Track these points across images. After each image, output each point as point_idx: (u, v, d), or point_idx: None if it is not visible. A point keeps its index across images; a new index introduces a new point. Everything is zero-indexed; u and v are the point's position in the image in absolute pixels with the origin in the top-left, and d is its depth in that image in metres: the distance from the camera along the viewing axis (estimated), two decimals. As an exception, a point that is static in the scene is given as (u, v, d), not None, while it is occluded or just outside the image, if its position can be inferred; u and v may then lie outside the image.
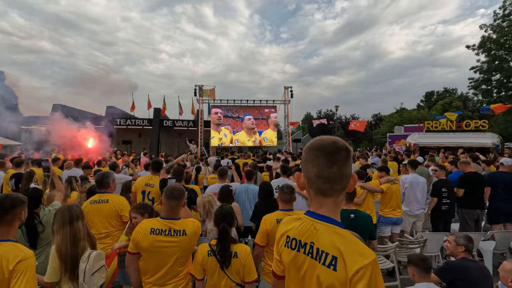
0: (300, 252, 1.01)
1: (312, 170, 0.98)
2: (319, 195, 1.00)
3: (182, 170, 4.33)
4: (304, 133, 33.50)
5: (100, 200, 3.03)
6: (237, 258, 2.03)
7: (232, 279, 2.03)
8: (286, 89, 18.84)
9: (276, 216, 2.56)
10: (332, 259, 0.91)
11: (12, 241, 1.69)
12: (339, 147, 0.97)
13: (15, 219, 1.75)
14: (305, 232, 1.01)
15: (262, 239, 2.52)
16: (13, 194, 1.82)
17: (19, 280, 1.53)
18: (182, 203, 2.20)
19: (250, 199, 4.30)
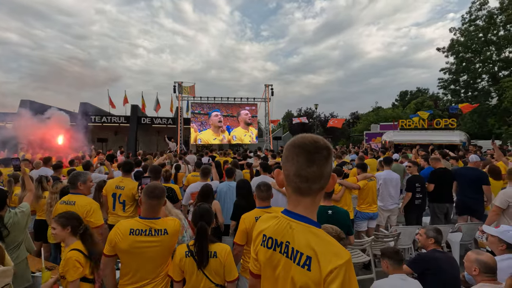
0: (276, 251, 1.01)
1: (291, 168, 0.97)
2: (296, 193, 0.99)
3: (159, 168, 4.23)
4: (284, 130, 33.87)
5: (68, 202, 2.90)
6: (217, 258, 2.00)
7: (211, 279, 2.00)
8: (266, 87, 18.90)
9: (255, 214, 2.57)
10: (306, 259, 0.90)
11: None
12: (320, 146, 0.96)
13: None
14: (281, 231, 1.01)
15: (241, 238, 2.52)
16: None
17: None
18: (163, 202, 2.16)
19: (231, 197, 4.29)
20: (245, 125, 18.58)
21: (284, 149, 1.04)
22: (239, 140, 18.56)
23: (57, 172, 5.43)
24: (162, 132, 20.27)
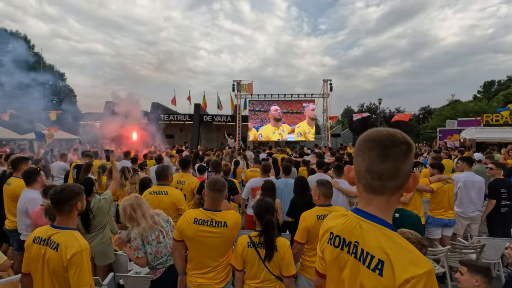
0: (344, 251, 0.95)
1: (362, 163, 0.91)
2: (368, 191, 0.92)
3: (220, 162, 4.46)
4: (343, 127, 32.31)
5: (159, 192, 3.18)
6: (277, 251, 2.03)
7: (271, 271, 2.04)
8: (325, 82, 18.26)
9: (316, 212, 2.51)
10: (378, 262, 0.83)
11: (71, 229, 1.82)
12: (398, 139, 0.87)
13: (72, 209, 1.84)
14: (350, 230, 0.95)
15: (302, 236, 2.48)
16: (69, 185, 1.92)
17: (76, 272, 1.67)
18: (224, 195, 2.25)
19: (289, 194, 4.28)
20: (310, 121, 18.32)
21: (356, 143, 0.98)
22: (303, 136, 18.43)
23: (134, 164, 6.15)
24: (222, 129, 21.27)
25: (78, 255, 1.69)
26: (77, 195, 1.86)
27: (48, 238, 1.76)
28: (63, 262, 1.67)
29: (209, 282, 2.18)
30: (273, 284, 2.08)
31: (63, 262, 1.67)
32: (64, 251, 1.68)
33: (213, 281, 2.19)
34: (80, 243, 1.74)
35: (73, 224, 1.87)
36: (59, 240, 1.73)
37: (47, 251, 1.73)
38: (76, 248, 1.70)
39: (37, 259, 1.76)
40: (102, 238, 3.14)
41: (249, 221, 4.25)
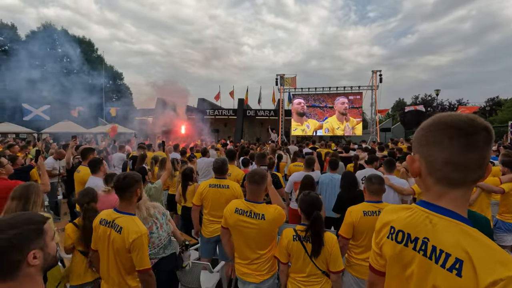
0: (409, 247, 0.87)
1: (439, 154, 0.81)
2: (442, 184, 0.83)
3: (264, 155, 4.48)
4: (394, 122, 30.16)
5: (220, 185, 3.21)
6: (324, 246, 1.98)
7: (318, 266, 2.00)
8: (374, 73, 17.19)
9: (363, 208, 2.38)
10: (456, 261, 0.74)
11: (132, 215, 1.98)
12: (478, 125, 0.77)
13: (132, 195, 1.99)
14: (417, 225, 0.86)
15: (347, 231, 2.39)
16: (130, 173, 2.06)
17: (138, 255, 1.85)
18: (263, 188, 2.23)
19: (333, 189, 4.15)
20: (341, 116, 17.49)
21: (422, 131, 0.87)
22: (331, 132, 17.79)
23: (183, 156, 6.50)
24: (265, 123, 21.40)
25: (139, 239, 1.84)
26: (136, 183, 2.01)
27: (112, 221, 1.94)
28: (126, 244, 1.84)
29: (253, 273, 2.22)
30: (320, 279, 2.03)
31: (125, 244, 1.85)
32: (126, 235, 1.85)
33: (256, 272, 2.21)
34: (140, 228, 1.90)
35: (133, 210, 2.05)
36: (122, 224, 1.90)
37: (112, 233, 1.92)
38: (137, 233, 1.85)
39: (104, 239, 1.96)
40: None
41: (293, 215, 4.22)
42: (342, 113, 17.60)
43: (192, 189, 4.05)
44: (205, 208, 3.26)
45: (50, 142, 12.86)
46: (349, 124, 17.51)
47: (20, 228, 0.94)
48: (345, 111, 17.52)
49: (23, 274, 0.93)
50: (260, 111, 21.13)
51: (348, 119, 17.54)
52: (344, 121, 17.59)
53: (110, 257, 1.94)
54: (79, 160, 4.60)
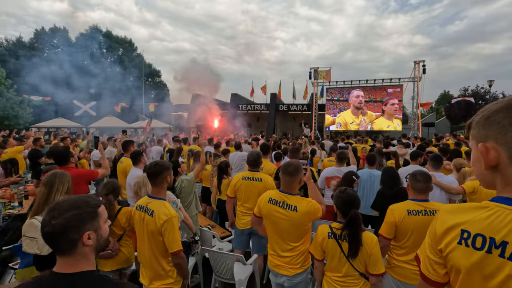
0: (494, 254, 0.74)
1: None
2: None
3: (298, 149, 4.40)
4: (438, 116, 27.99)
5: (254, 178, 3.24)
6: (363, 246, 1.86)
7: (355, 267, 1.89)
8: (416, 64, 16.01)
9: (407, 206, 2.21)
10: None
11: (162, 199, 2.12)
12: None
13: (163, 181, 2.14)
14: (502, 226, 0.73)
15: (388, 231, 2.23)
16: (160, 161, 2.21)
17: (169, 236, 1.96)
18: (297, 180, 2.18)
19: (372, 186, 3.95)
20: (389, 116, 16.59)
21: (501, 112, 0.75)
22: (343, 127, 17.10)
23: (217, 150, 6.62)
24: (297, 118, 21.09)
25: (168, 222, 1.96)
26: (166, 170, 2.15)
27: (145, 206, 2.08)
28: (157, 226, 1.96)
29: (285, 266, 2.18)
30: (357, 281, 1.92)
31: (157, 226, 1.97)
32: (157, 218, 1.97)
33: (289, 265, 2.18)
34: (170, 211, 2.01)
35: (164, 195, 2.17)
36: (153, 208, 2.03)
37: (145, 217, 2.06)
38: (166, 215, 1.97)
39: (140, 223, 2.12)
40: (188, 213, 3.46)
41: (326, 211, 4.10)
42: (357, 107, 16.83)
43: (227, 182, 4.10)
44: (238, 200, 3.30)
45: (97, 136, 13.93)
46: (366, 118, 16.71)
47: (79, 210, 1.02)
48: (360, 105, 16.78)
49: (78, 252, 1.01)
50: (292, 106, 20.83)
51: (365, 113, 16.79)
52: (360, 115, 16.89)
53: (146, 241, 2.07)
54: (121, 152, 4.90)
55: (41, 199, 2.38)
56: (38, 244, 2.25)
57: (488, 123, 0.77)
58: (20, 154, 5.86)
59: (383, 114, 16.58)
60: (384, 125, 16.65)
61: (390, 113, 16.45)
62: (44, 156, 5.30)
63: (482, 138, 0.79)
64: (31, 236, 2.26)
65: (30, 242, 2.26)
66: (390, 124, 16.53)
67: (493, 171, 0.77)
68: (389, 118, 16.55)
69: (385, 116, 16.59)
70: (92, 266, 1.04)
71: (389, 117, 16.54)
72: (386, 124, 16.59)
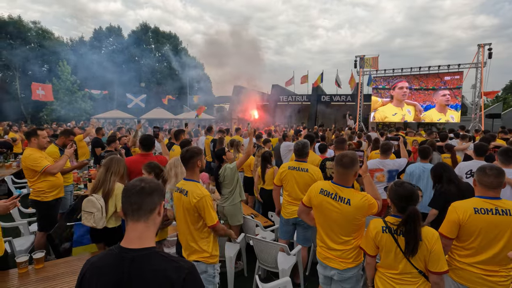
0: None
1: None
2: None
3: (344, 140, 4.26)
4: (505, 106, 24.70)
5: (299, 168, 3.21)
6: (422, 241, 1.72)
7: (413, 263, 1.76)
8: (481, 47, 14.21)
9: (474, 204, 1.98)
10: None
11: (195, 181, 2.30)
12: None
13: (194, 166, 2.33)
14: None
15: (450, 230, 2.02)
16: (191, 147, 2.41)
17: (205, 212, 2.17)
18: (352, 172, 2.09)
19: (425, 181, 3.67)
20: (441, 108, 15.20)
21: None
22: (429, 120, 15.64)
23: (258, 141, 6.67)
24: (341, 108, 20.25)
25: (201, 200, 2.16)
26: (196, 155, 2.32)
27: (181, 187, 2.30)
28: (191, 203, 2.18)
29: (336, 259, 2.13)
30: (415, 279, 1.78)
31: (191, 204, 2.18)
32: (190, 197, 2.19)
33: (339, 259, 2.12)
34: (201, 191, 2.22)
35: (197, 177, 2.37)
36: (188, 188, 2.25)
37: (182, 196, 2.27)
38: (199, 195, 2.17)
39: (178, 202, 2.32)
40: (232, 201, 3.55)
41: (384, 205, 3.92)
42: (399, 100, 15.84)
43: (271, 172, 4.12)
44: (284, 190, 3.29)
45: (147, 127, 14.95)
46: (410, 109, 15.75)
47: (158, 185, 1.18)
48: (403, 97, 15.82)
49: (152, 219, 1.11)
50: (335, 96, 20.04)
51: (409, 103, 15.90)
52: (402, 107, 16.00)
53: (182, 218, 2.29)
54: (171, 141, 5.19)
55: (99, 179, 2.77)
56: (94, 218, 2.59)
57: None
58: (83, 142, 6.53)
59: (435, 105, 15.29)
60: (435, 117, 15.26)
61: (441, 104, 15.06)
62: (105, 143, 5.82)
63: None
64: (89, 211, 2.58)
65: (88, 216, 2.60)
66: (441, 117, 15.09)
67: None
68: (441, 110, 15.11)
69: (437, 107, 15.21)
70: (153, 243, 1.12)
71: (441, 109, 15.11)
72: (437, 117, 15.19)
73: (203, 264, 2.25)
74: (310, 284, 3.27)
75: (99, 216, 2.59)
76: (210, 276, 2.28)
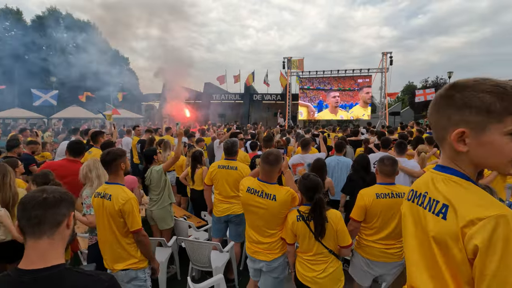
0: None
1: None
2: None
3: (272, 137, 4.47)
4: (403, 105, 29.53)
5: (229, 166, 3.23)
6: (328, 223, 1.98)
7: (325, 245, 2.01)
8: (384, 55, 16.69)
9: (376, 190, 2.35)
10: (442, 207, 0.80)
11: (120, 184, 2.19)
12: None
13: (118, 169, 2.20)
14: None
15: (359, 214, 2.36)
16: (112, 149, 2.27)
17: (129, 217, 2.08)
18: (277, 169, 2.22)
19: (340, 172, 4.13)
20: (364, 104, 17.35)
21: None
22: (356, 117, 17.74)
23: (190, 140, 6.51)
24: (271, 107, 21.20)
25: (127, 203, 2.07)
26: (119, 157, 2.20)
27: (103, 192, 2.17)
28: (116, 208, 2.07)
29: (263, 251, 2.25)
30: (326, 258, 2.04)
31: (115, 208, 2.07)
32: (115, 201, 2.08)
33: (267, 251, 2.24)
34: (127, 194, 2.12)
35: (121, 180, 2.25)
36: (111, 192, 2.13)
37: (104, 201, 2.14)
38: (124, 197, 2.08)
39: (99, 208, 2.18)
40: (160, 204, 3.40)
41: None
42: (366, 102, 17.72)
43: (200, 172, 4.07)
44: (215, 189, 3.31)
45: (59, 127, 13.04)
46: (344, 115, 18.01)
47: (66, 193, 1.05)
48: (337, 104, 17.80)
49: (59, 232, 0.98)
50: (266, 95, 20.90)
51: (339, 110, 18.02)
52: (336, 113, 18.03)
53: (106, 224, 2.15)
54: (90, 143, 4.65)
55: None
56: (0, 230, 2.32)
57: None
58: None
59: (358, 102, 17.42)
60: (359, 114, 17.35)
61: (364, 100, 17.25)
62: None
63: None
64: None
65: None
66: (364, 112, 17.26)
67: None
68: (364, 106, 17.28)
69: (361, 104, 17.30)
70: (63, 259, 0.99)
71: (364, 105, 17.28)
72: (361, 113, 17.30)
73: (133, 271, 2.16)
74: (244, 278, 3.37)
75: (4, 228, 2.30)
76: (141, 280, 2.20)
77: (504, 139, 0.73)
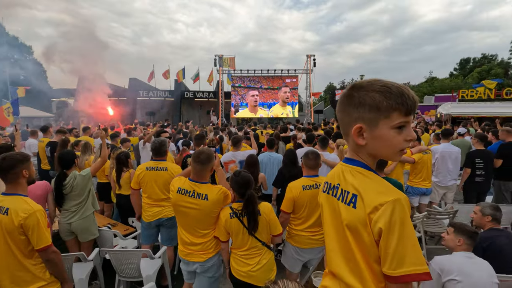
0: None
1: None
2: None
3: (204, 136, 4.40)
4: (326, 104, 32.55)
5: (158, 168, 3.02)
6: (260, 216, 2.06)
7: (258, 238, 2.07)
8: (308, 57, 18.04)
9: (302, 182, 2.53)
10: (352, 197, 0.89)
11: (21, 195, 1.87)
12: None
13: (17, 177, 1.87)
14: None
15: (288, 206, 2.51)
16: (10, 154, 1.92)
17: (34, 233, 1.77)
18: (209, 168, 2.20)
19: (272, 167, 4.31)
20: (283, 103, 18.33)
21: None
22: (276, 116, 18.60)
23: (114, 141, 5.92)
24: (204, 105, 20.81)
25: (31, 217, 1.76)
26: (20, 163, 1.88)
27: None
28: (15, 224, 1.74)
29: (197, 253, 2.20)
30: (260, 251, 2.11)
31: (14, 225, 1.74)
32: (14, 215, 1.75)
33: (200, 252, 2.20)
34: (31, 206, 1.82)
35: (23, 190, 1.91)
36: (8, 205, 1.79)
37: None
38: (27, 210, 1.77)
39: None
40: (83, 213, 3.01)
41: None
42: (284, 101, 18.51)
43: (127, 176, 3.74)
44: (144, 192, 3.07)
45: None
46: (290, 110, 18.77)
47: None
48: (256, 103, 18.49)
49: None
50: (199, 93, 20.39)
51: (258, 109, 18.78)
52: (256, 112, 18.76)
53: (1, 244, 1.78)
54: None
55: None
56: None
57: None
58: None
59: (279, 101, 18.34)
60: (279, 112, 18.31)
61: (283, 100, 18.22)
62: None
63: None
64: None
65: None
66: (283, 111, 18.28)
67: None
68: (283, 105, 18.30)
69: (280, 103, 18.25)
70: None
71: (283, 104, 18.30)
72: (280, 111, 18.28)
73: None
74: (179, 282, 3.24)
75: None
76: None
77: (391, 133, 0.85)
